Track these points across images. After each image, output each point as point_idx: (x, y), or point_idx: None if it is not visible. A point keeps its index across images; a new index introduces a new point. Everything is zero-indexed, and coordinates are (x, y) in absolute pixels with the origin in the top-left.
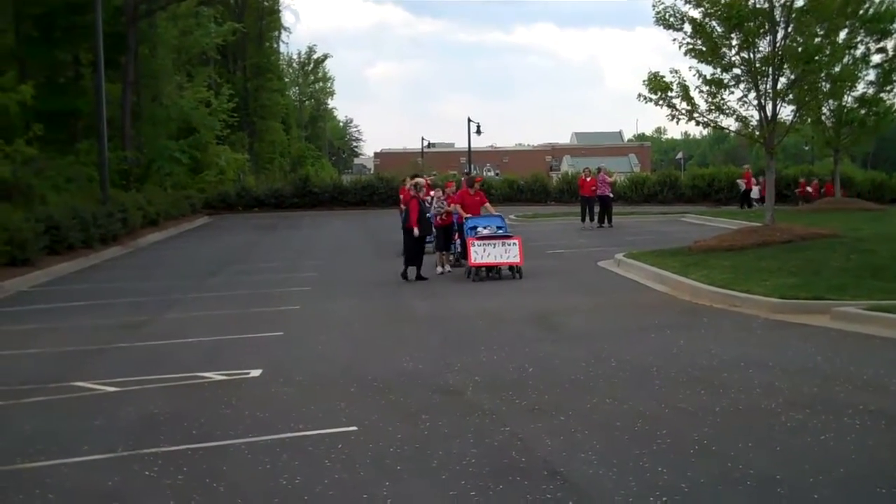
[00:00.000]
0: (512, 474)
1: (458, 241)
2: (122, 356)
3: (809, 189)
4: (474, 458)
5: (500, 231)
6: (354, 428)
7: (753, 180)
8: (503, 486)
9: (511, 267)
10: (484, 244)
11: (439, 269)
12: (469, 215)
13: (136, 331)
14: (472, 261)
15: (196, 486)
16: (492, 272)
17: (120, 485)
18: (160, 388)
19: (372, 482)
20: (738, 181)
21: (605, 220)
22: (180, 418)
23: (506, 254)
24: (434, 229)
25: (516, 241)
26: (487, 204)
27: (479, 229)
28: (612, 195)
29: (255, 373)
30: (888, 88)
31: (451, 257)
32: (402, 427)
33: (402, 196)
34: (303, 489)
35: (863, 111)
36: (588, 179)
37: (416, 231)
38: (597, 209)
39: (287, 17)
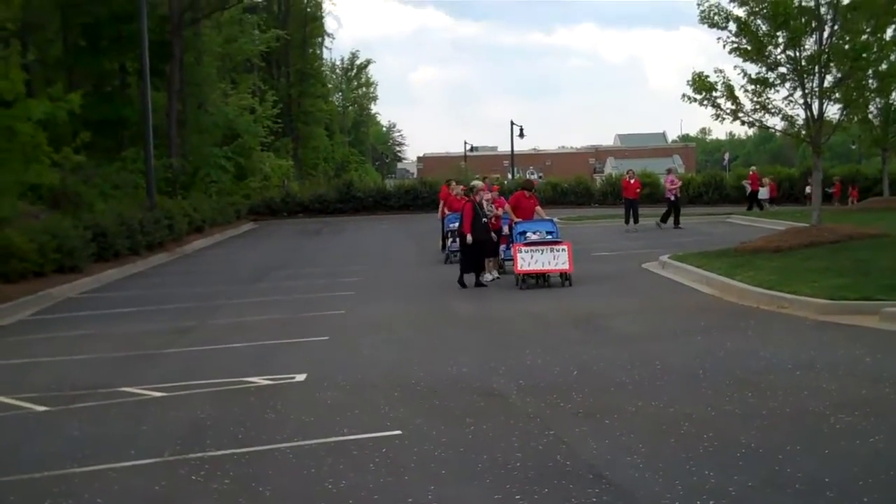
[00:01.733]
0: (557, 478)
1: (504, 246)
2: (169, 361)
3: (830, 190)
4: (519, 461)
5: (550, 236)
6: (399, 432)
7: (766, 180)
8: (548, 490)
9: (561, 274)
10: (531, 250)
11: (487, 275)
12: (519, 219)
13: (183, 336)
14: (519, 268)
15: (241, 490)
16: (540, 279)
17: (167, 489)
18: (206, 392)
19: (417, 486)
20: (744, 183)
21: (675, 221)
22: (226, 423)
23: (554, 260)
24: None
25: (566, 247)
26: (539, 208)
27: (528, 234)
28: (676, 197)
29: (300, 377)
30: None
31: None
32: (446, 431)
33: (441, 198)
34: (347, 493)
35: None
36: (632, 181)
37: (468, 237)
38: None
39: (330, 24)
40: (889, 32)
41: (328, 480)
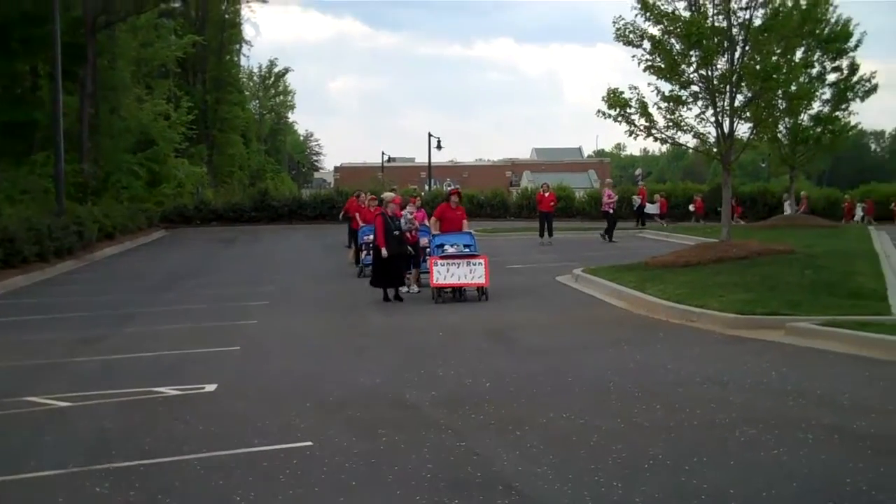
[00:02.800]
0: (468, 489)
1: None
2: (76, 371)
3: (692, 208)
4: (430, 472)
5: (468, 249)
6: (310, 443)
7: (657, 196)
8: (458, 501)
9: (477, 288)
10: (448, 264)
11: (405, 288)
12: (438, 233)
13: (91, 345)
14: (434, 281)
15: (147, 502)
16: (456, 293)
17: (69, 502)
18: (113, 402)
19: (326, 498)
20: (634, 198)
21: (608, 235)
22: (133, 434)
23: (471, 274)
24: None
25: (482, 261)
26: (465, 221)
27: (445, 247)
28: (612, 210)
29: (211, 387)
30: (843, 107)
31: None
32: (357, 442)
33: (348, 210)
34: None
35: (818, 129)
36: (546, 195)
37: (384, 252)
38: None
39: (248, 31)
40: (798, 54)
41: (237, 492)
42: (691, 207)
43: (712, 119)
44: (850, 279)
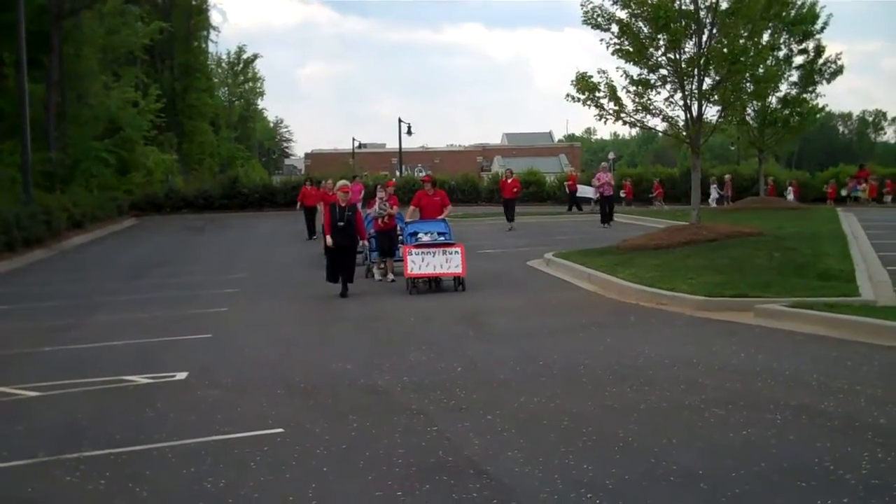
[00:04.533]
0: (439, 474)
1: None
2: (46, 360)
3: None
4: (401, 458)
5: (443, 238)
6: (281, 430)
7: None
8: (430, 486)
9: (454, 278)
10: (422, 253)
11: (379, 276)
12: (411, 220)
13: (61, 335)
14: (409, 271)
15: (118, 491)
16: (432, 283)
17: (39, 491)
18: (83, 392)
19: (298, 484)
20: (566, 184)
21: (608, 219)
22: (103, 423)
23: (447, 263)
24: (372, 234)
25: (458, 250)
26: (448, 208)
27: (419, 235)
28: (601, 195)
29: (181, 375)
30: (810, 89)
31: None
32: (329, 428)
33: (300, 197)
34: (227, 492)
35: (786, 112)
36: (509, 181)
37: (328, 240)
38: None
39: (215, 17)
40: (765, 37)
41: (207, 480)
42: (622, 193)
43: (681, 102)
44: (818, 261)
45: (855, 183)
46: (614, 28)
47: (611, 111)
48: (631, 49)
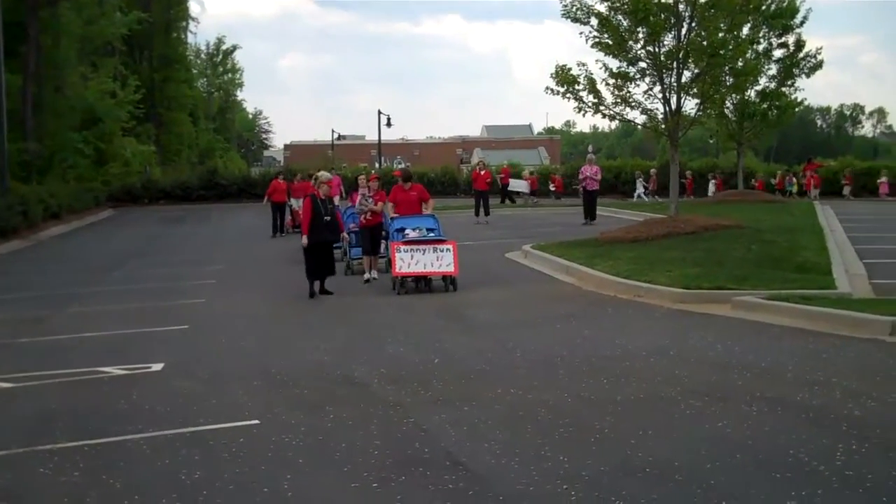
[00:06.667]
0: (415, 465)
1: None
2: (21, 352)
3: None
4: (377, 449)
5: (432, 234)
6: (257, 421)
7: (525, 174)
8: (405, 478)
9: (444, 277)
10: (412, 250)
11: (367, 275)
12: (397, 215)
13: (36, 326)
14: (397, 270)
15: (92, 482)
16: (421, 283)
17: (12, 483)
18: (58, 383)
19: (272, 476)
20: (498, 177)
21: (592, 216)
22: (78, 414)
23: (438, 262)
24: (353, 230)
25: (450, 247)
26: (430, 201)
27: (406, 231)
28: (584, 189)
29: (157, 367)
30: (789, 83)
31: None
32: (305, 420)
33: (269, 192)
34: (202, 484)
35: (765, 105)
36: (482, 173)
37: (304, 240)
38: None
39: (194, 7)
40: (745, 31)
41: (182, 471)
42: (551, 186)
43: (660, 95)
44: (795, 253)
45: (790, 177)
46: (593, 21)
47: (590, 104)
48: (610, 42)
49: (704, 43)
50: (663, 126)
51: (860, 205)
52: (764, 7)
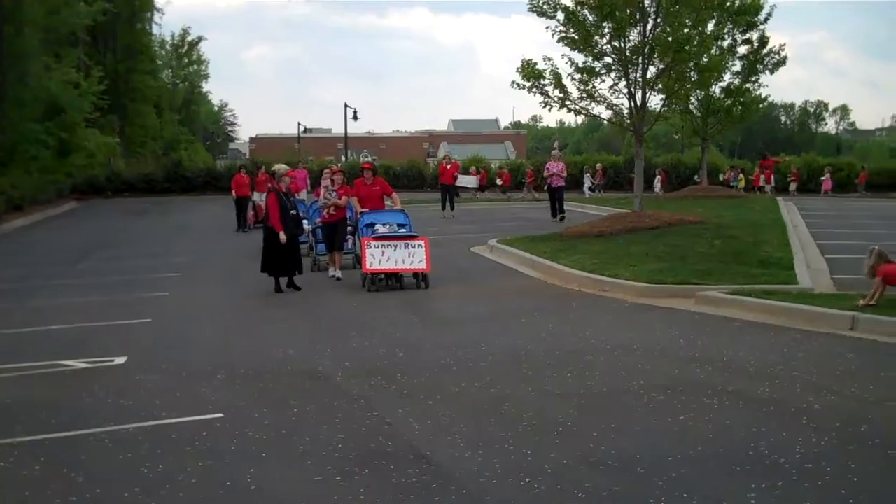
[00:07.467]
0: (378, 459)
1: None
2: None
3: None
4: (341, 443)
5: (403, 230)
6: (220, 415)
7: (472, 170)
8: (369, 471)
9: (415, 274)
10: (382, 246)
11: (331, 272)
12: (365, 210)
13: None
14: (367, 266)
15: (53, 477)
16: (392, 280)
17: None
18: (18, 376)
19: (236, 469)
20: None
21: (560, 212)
22: (38, 408)
23: (409, 258)
24: (318, 226)
25: (422, 243)
26: (394, 195)
27: (376, 227)
28: (549, 185)
29: (120, 360)
30: (753, 79)
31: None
32: (269, 413)
33: (233, 186)
34: (165, 477)
35: (729, 101)
36: (448, 167)
37: (282, 236)
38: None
39: None
40: (709, 27)
41: (145, 465)
42: (498, 181)
43: (625, 90)
44: (758, 249)
45: (735, 174)
46: (560, 16)
47: (556, 98)
48: (576, 37)
49: (669, 39)
50: (629, 121)
51: (824, 201)
52: (728, 3)
